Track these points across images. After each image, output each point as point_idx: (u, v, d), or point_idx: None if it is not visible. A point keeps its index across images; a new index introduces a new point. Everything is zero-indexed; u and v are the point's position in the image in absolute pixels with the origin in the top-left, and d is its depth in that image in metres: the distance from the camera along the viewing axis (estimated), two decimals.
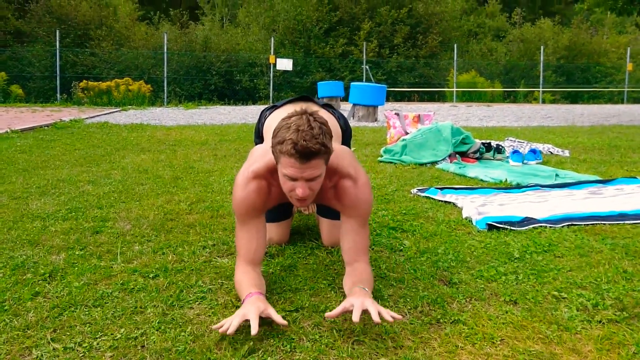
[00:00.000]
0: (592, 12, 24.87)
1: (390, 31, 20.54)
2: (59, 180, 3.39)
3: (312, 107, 1.59)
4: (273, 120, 1.98)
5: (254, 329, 1.32)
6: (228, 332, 1.32)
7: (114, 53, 18.10)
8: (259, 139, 2.13)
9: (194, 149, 4.99)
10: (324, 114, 1.94)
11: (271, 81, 17.87)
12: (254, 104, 17.22)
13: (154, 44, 19.11)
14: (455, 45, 19.84)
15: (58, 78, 16.11)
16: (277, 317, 1.40)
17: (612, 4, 10.04)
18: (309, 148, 1.43)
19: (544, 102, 19.25)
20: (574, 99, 20.40)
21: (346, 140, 2.11)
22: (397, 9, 20.57)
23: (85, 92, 14.09)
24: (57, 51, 16.27)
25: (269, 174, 1.66)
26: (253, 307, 1.40)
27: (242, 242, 1.67)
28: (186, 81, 17.97)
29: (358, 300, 1.41)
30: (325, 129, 1.48)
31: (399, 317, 1.38)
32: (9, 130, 6.26)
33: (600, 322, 1.51)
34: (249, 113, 11.32)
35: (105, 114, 9.93)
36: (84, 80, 14.43)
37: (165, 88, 16.81)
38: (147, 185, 3.30)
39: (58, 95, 15.70)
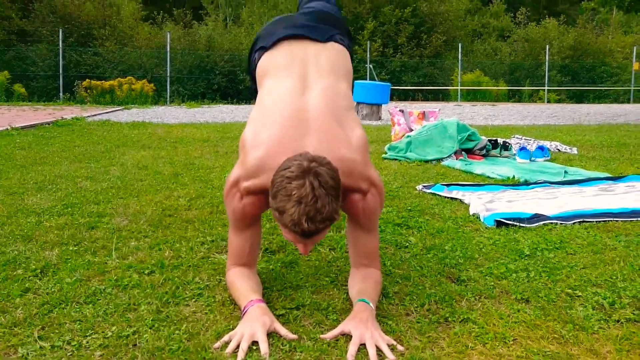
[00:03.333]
0: (598, 12, 24.74)
1: (394, 30, 20.44)
2: (57, 176, 3.32)
3: (318, 159, 1.30)
4: (265, 64, 1.68)
5: (265, 351, 1.25)
6: (238, 359, 1.23)
7: (117, 52, 18.05)
8: (253, 81, 1.79)
9: (195, 146, 4.92)
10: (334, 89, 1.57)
11: None
12: None
13: (157, 44, 19.05)
14: (459, 45, 19.71)
15: (61, 77, 16.07)
16: (285, 332, 1.33)
17: (619, 1, 9.93)
18: (311, 230, 1.27)
19: (549, 101, 19.09)
20: (579, 98, 20.24)
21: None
22: (401, 8, 20.46)
23: (88, 91, 14.03)
24: (61, 50, 16.24)
25: (265, 191, 1.39)
26: (259, 324, 1.32)
27: (234, 243, 1.57)
28: (189, 80, 17.91)
29: (357, 331, 1.29)
30: (333, 192, 1.27)
31: (402, 348, 1.27)
32: (9, 127, 6.21)
33: (618, 321, 1.43)
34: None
35: (107, 112, 9.87)
36: (87, 80, 14.38)
37: (168, 87, 16.75)
38: (146, 181, 3.23)
39: (61, 94, 15.66)
